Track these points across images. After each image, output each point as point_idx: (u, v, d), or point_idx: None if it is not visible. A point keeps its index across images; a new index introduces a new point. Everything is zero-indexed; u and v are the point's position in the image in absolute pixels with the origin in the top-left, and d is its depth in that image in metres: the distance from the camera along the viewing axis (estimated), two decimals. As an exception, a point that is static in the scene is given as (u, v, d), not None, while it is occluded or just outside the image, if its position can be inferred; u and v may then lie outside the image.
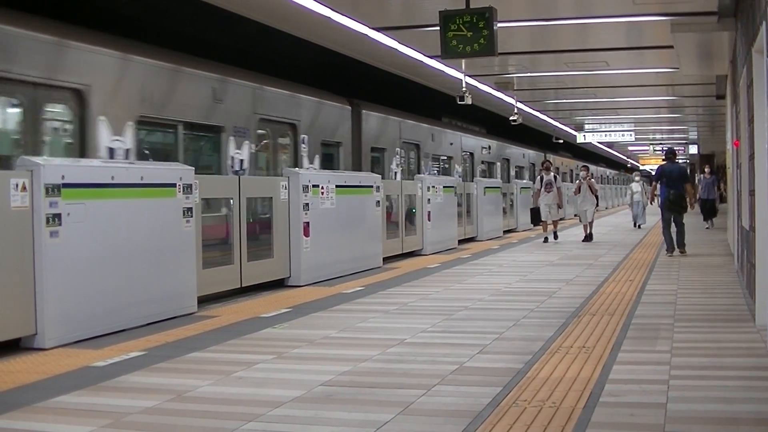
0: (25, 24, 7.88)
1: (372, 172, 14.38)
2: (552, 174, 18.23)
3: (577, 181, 18.99)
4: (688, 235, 14.54)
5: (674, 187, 13.96)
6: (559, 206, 18.30)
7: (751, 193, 7.75)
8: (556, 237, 18.13)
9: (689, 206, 14.31)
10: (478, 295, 9.29)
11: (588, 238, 17.83)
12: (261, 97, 11.85)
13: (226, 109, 10.85)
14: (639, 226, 23.05)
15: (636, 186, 23.75)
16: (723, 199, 25.48)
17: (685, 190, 14.11)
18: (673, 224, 14.11)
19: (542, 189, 18.01)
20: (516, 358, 5.77)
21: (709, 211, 22.04)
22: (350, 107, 14.98)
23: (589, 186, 18.34)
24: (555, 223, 18.24)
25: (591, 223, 18.13)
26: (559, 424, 4.17)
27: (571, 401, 4.60)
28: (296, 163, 12.88)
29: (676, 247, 13.96)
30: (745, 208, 8.88)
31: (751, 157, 7.66)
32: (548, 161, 19.24)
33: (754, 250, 7.37)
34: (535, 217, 18.65)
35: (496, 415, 4.37)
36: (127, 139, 8.93)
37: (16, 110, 7.91)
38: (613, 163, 57.98)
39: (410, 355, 5.99)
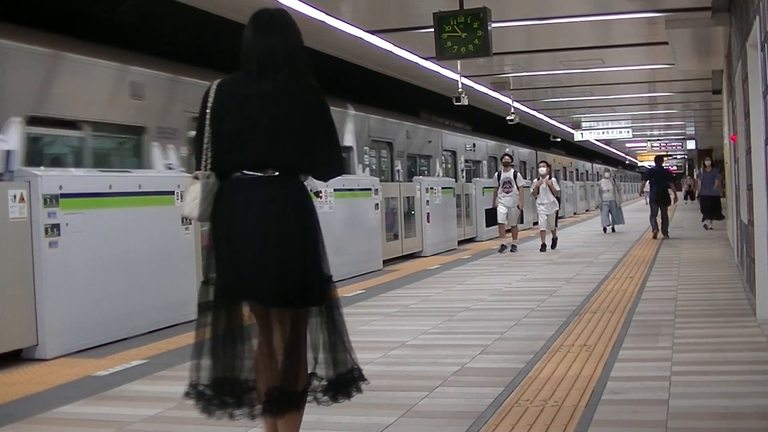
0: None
1: None
2: (512, 171, 15.51)
3: (536, 180, 16.30)
4: (689, 232, 14.92)
5: (660, 185, 17.36)
6: (519, 208, 15.56)
7: (749, 187, 7.75)
8: (513, 249, 15.19)
9: (673, 200, 17.81)
10: (479, 295, 9.29)
11: (549, 244, 15.33)
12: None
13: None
14: (613, 229, 19.86)
15: (606, 183, 20.05)
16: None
17: (669, 187, 17.53)
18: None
19: (500, 188, 15.40)
20: (518, 358, 5.77)
21: (711, 209, 19.64)
22: None
23: (549, 186, 15.49)
24: (514, 231, 15.55)
25: (555, 230, 15.74)
26: (561, 423, 4.17)
27: (573, 400, 4.60)
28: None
29: (660, 231, 17.15)
30: (744, 203, 8.88)
31: (748, 152, 7.65)
32: (508, 155, 16.47)
33: (754, 245, 7.37)
34: (492, 219, 16.36)
35: (499, 415, 4.37)
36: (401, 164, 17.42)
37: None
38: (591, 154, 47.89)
39: (412, 357, 5.99)
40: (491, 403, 4.60)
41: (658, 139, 38.24)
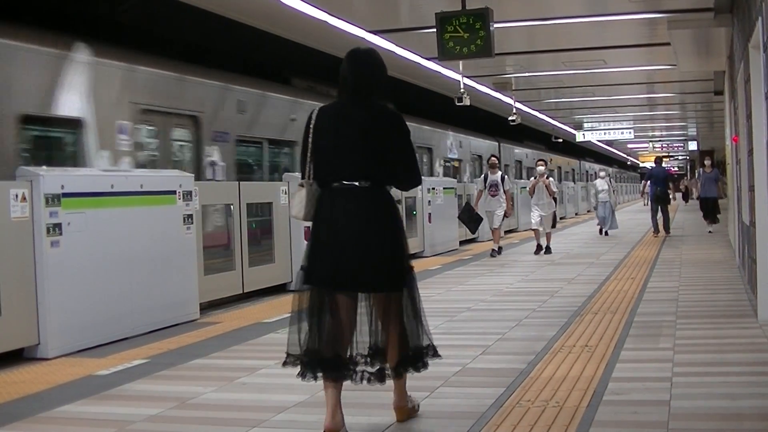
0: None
1: None
2: (499, 173, 14.79)
3: (532, 180, 15.81)
4: (690, 232, 15.77)
5: (660, 185, 18.25)
6: (507, 215, 14.86)
7: (751, 188, 7.75)
8: (499, 251, 14.60)
9: (671, 199, 19.20)
10: (480, 296, 9.29)
11: (542, 249, 14.62)
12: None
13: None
14: (606, 233, 19.08)
15: (601, 183, 19.34)
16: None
17: (668, 187, 18.83)
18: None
19: (486, 191, 14.66)
20: (519, 359, 5.77)
21: (711, 211, 18.94)
22: None
23: (546, 187, 14.88)
24: (496, 234, 14.87)
25: (549, 234, 15.00)
26: (563, 424, 4.17)
27: (574, 400, 4.60)
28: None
29: (662, 229, 18.00)
30: (745, 204, 8.88)
31: (750, 153, 7.65)
32: (495, 157, 15.62)
33: (755, 246, 7.37)
34: (468, 221, 14.94)
35: (500, 416, 4.37)
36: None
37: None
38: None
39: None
40: (492, 404, 4.60)
41: (660, 140, 38.25)
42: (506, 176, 15.28)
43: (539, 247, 14.71)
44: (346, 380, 4.15)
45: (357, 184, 4.10)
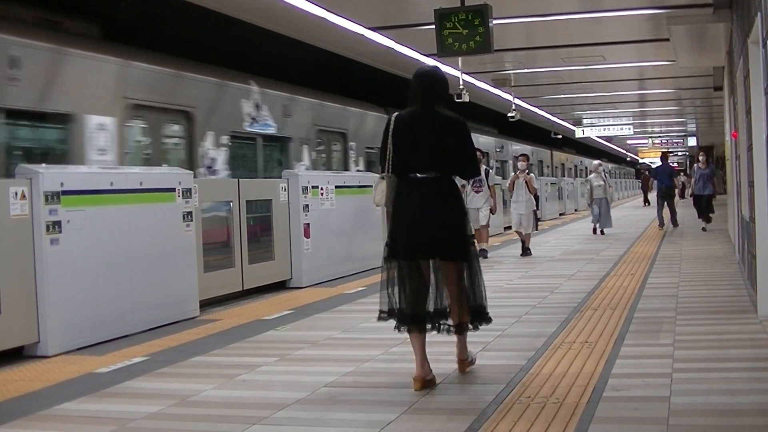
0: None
1: None
2: (483, 168, 13.18)
3: (512, 175, 14.75)
4: (690, 228, 16.19)
5: (665, 182, 19.39)
6: (492, 212, 13.58)
7: (751, 184, 7.75)
8: (483, 254, 12.87)
9: (677, 195, 19.92)
10: (480, 292, 9.27)
11: (524, 251, 13.69)
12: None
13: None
14: (602, 232, 17.94)
15: (596, 179, 18.25)
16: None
17: (673, 183, 20.11)
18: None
19: (469, 186, 13.24)
20: (519, 355, 5.78)
21: (705, 208, 18.11)
22: None
23: (527, 183, 13.95)
24: (484, 233, 13.55)
25: (529, 234, 14.03)
26: (563, 420, 4.17)
27: (574, 397, 4.60)
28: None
29: (668, 222, 18.82)
30: (745, 199, 8.88)
31: (750, 149, 7.65)
32: (479, 150, 14.27)
33: (755, 241, 7.37)
34: None
35: (500, 412, 4.37)
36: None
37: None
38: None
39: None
40: (493, 400, 4.60)
41: (659, 136, 38.22)
42: (490, 170, 14.38)
43: (526, 250, 13.78)
44: (427, 332, 5.06)
45: (428, 175, 5.06)
